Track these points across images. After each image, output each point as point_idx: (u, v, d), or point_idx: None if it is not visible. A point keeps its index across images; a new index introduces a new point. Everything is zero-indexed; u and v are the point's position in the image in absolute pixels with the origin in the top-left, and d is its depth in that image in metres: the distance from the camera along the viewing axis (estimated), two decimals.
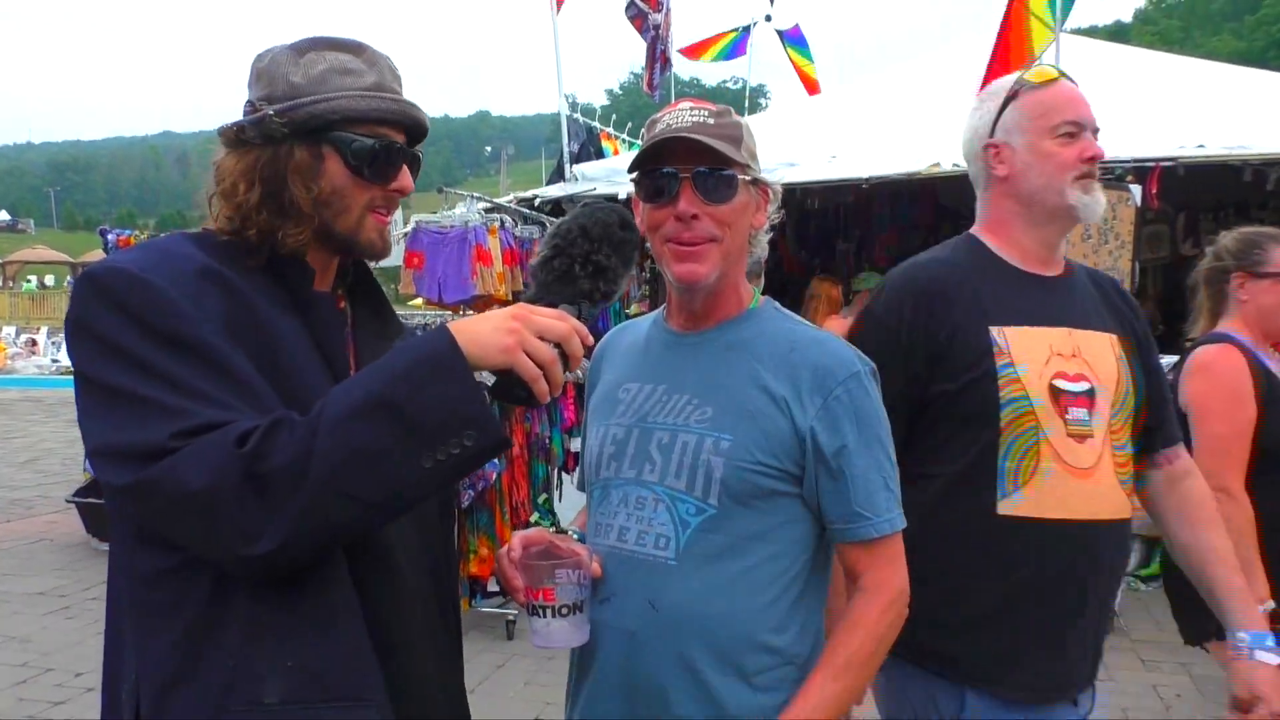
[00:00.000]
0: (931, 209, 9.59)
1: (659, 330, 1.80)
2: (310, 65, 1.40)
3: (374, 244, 1.46)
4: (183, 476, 1.18)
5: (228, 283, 1.32)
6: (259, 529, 1.18)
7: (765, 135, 6.97)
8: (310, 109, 1.37)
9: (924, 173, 6.77)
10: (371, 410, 1.20)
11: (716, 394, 1.64)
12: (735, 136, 1.62)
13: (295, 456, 1.18)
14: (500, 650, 5.33)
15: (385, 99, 1.42)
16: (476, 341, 1.26)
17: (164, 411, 1.21)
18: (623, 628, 1.62)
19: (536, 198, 8.22)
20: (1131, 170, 6.00)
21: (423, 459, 1.21)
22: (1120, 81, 7.92)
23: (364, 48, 1.45)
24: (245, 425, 1.20)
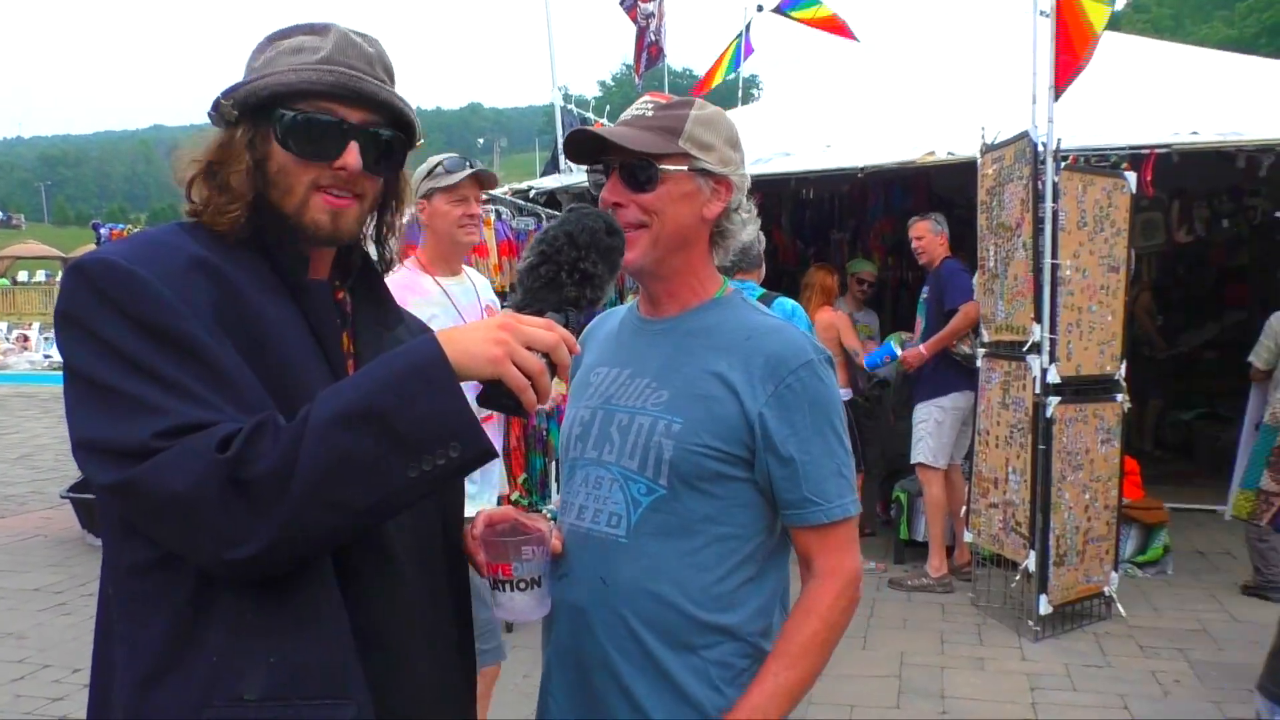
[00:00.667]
0: (925, 198, 9.58)
1: (631, 317, 1.87)
2: (272, 50, 1.41)
3: (320, 225, 1.41)
4: (164, 480, 1.17)
5: (218, 272, 1.31)
6: (241, 534, 1.17)
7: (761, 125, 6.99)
8: (249, 86, 1.37)
9: (919, 162, 6.76)
10: (358, 420, 1.19)
11: (673, 378, 1.70)
12: (672, 128, 1.67)
13: (278, 463, 1.17)
14: None
15: (320, 70, 1.37)
16: (465, 352, 1.25)
17: (147, 409, 1.20)
18: (575, 603, 1.68)
19: (531, 189, 8.19)
20: (1126, 157, 6.00)
21: (408, 469, 1.21)
22: (1113, 69, 7.91)
23: (330, 28, 1.43)
24: (228, 428, 1.19)
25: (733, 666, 1.66)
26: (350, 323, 1.52)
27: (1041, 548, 5.23)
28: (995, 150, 5.66)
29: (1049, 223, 5.14)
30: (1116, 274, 5.56)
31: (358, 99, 1.39)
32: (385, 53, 1.47)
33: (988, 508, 5.74)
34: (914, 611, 5.81)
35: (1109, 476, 5.56)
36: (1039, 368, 5.22)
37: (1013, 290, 5.47)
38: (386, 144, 1.45)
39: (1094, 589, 5.54)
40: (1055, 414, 5.21)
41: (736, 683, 1.65)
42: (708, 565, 1.64)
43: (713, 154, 1.69)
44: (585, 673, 1.68)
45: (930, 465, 6.18)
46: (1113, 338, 5.56)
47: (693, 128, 1.67)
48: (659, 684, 1.63)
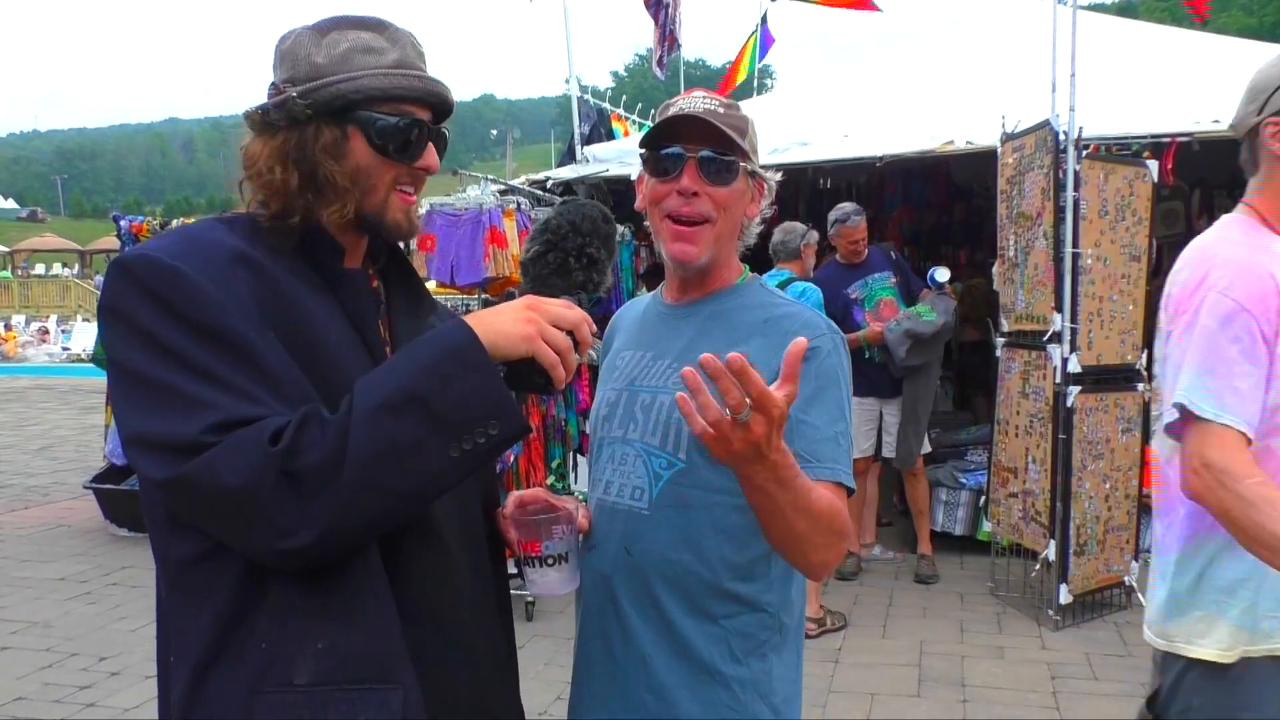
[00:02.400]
0: (944, 187, 9.56)
1: (655, 303, 1.93)
2: (333, 45, 1.40)
3: (400, 224, 1.47)
4: (218, 474, 1.19)
5: (259, 266, 1.33)
6: (295, 525, 1.20)
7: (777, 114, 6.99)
8: (334, 88, 1.38)
9: (937, 151, 6.73)
10: (400, 405, 1.23)
11: (693, 359, 1.71)
12: (741, 128, 1.73)
13: (328, 453, 1.20)
14: (520, 631, 5.32)
15: (410, 76, 1.42)
16: (498, 332, 1.30)
17: (196, 404, 1.22)
18: (601, 571, 1.75)
19: (548, 180, 8.20)
20: (1148, 146, 5.97)
21: (450, 450, 1.25)
22: (1134, 57, 7.87)
23: (386, 25, 1.46)
24: (277, 422, 1.22)
25: (753, 637, 1.70)
26: (385, 310, 1.55)
27: (1061, 537, 5.23)
28: (1015, 139, 5.64)
29: (1070, 211, 5.13)
30: (1138, 263, 5.54)
31: (435, 101, 1.46)
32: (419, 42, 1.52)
33: (1007, 497, 5.74)
34: (933, 600, 5.82)
35: (1130, 466, 5.55)
36: (1059, 357, 5.21)
37: (1033, 279, 5.46)
38: (442, 139, 1.50)
39: (1115, 578, 5.54)
40: (1076, 403, 5.20)
41: (757, 653, 1.70)
42: (726, 535, 1.68)
43: (758, 157, 1.79)
44: (611, 644, 1.74)
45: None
46: (1134, 327, 5.55)
47: (751, 131, 1.76)
48: (679, 653, 1.68)
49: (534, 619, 5.49)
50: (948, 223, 9.86)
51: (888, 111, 7.92)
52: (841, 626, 5.34)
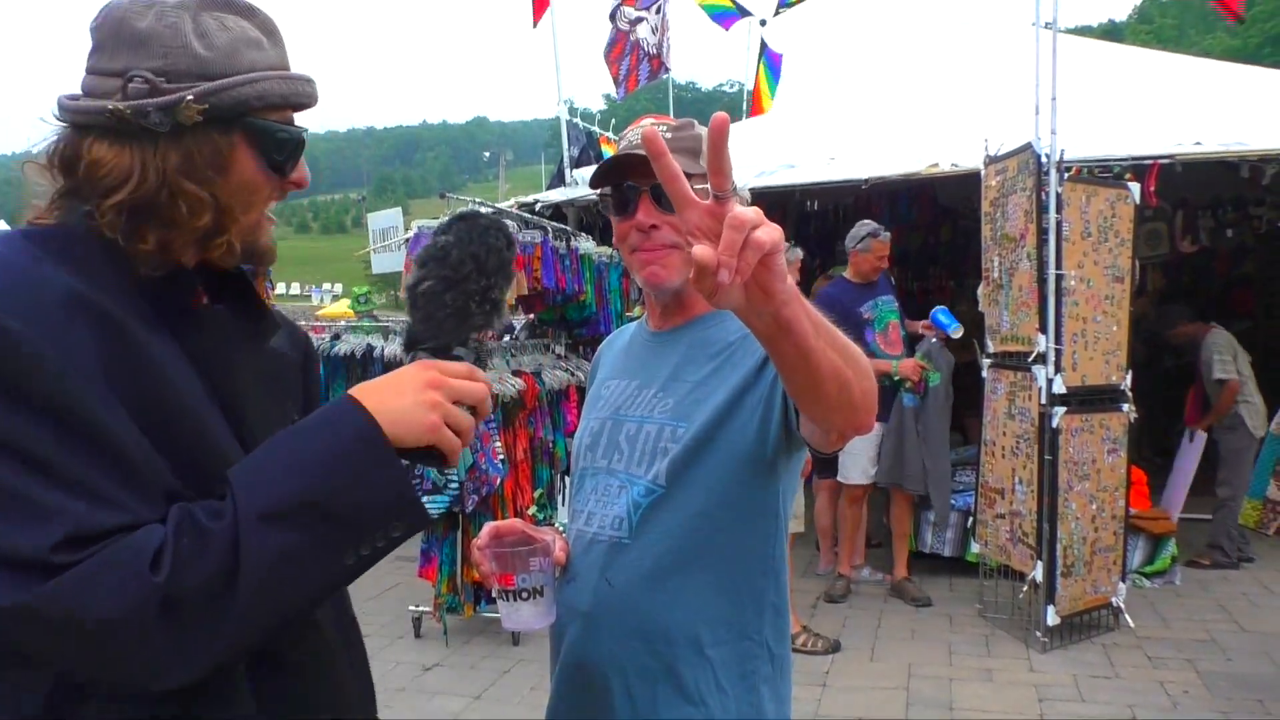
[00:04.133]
0: (930, 209, 9.61)
1: (641, 331, 1.92)
2: (212, 33, 1.17)
3: (270, 249, 1.29)
4: (86, 606, 0.98)
5: (100, 312, 1.07)
6: (181, 660, 1.03)
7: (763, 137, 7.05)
8: (235, 92, 1.16)
9: (923, 173, 6.79)
10: (295, 512, 1.07)
11: (678, 386, 1.73)
12: (694, 149, 1.69)
13: (216, 577, 1.03)
14: (505, 656, 5.34)
15: (299, 80, 1.23)
16: (400, 422, 1.14)
17: (40, 513, 0.98)
18: (580, 607, 1.71)
19: (537, 202, 8.24)
20: (1129, 168, 6.02)
21: (346, 556, 1.12)
22: (1116, 80, 7.95)
23: (254, 10, 1.23)
24: (155, 538, 1.02)
25: (740, 666, 1.67)
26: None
27: (1049, 558, 5.23)
28: (999, 162, 5.68)
29: (1053, 233, 5.16)
30: (1121, 284, 5.57)
31: (306, 108, 1.27)
32: None
33: (994, 518, 5.74)
34: (921, 623, 5.81)
35: (1116, 486, 5.56)
36: (1044, 378, 5.22)
37: (1017, 301, 5.48)
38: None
39: (1102, 599, 5.54)
40: (1061, 424, 5.21)
41: (744, 684, 1.66)
42: (709, 563, 1.66)
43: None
44: (591, 676, 1.70)
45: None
46: (1118, 347, 5.57)
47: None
48: (664, 683, 1.64)
49: (519, 643, 5.46)
50: (934, 244, 9.92)
51: (874, 134, 7.98)
52: (831, 650, 5.32)
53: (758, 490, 1.68)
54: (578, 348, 6.90)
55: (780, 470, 1.68)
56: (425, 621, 5.67)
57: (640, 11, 8.77)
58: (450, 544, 5.46)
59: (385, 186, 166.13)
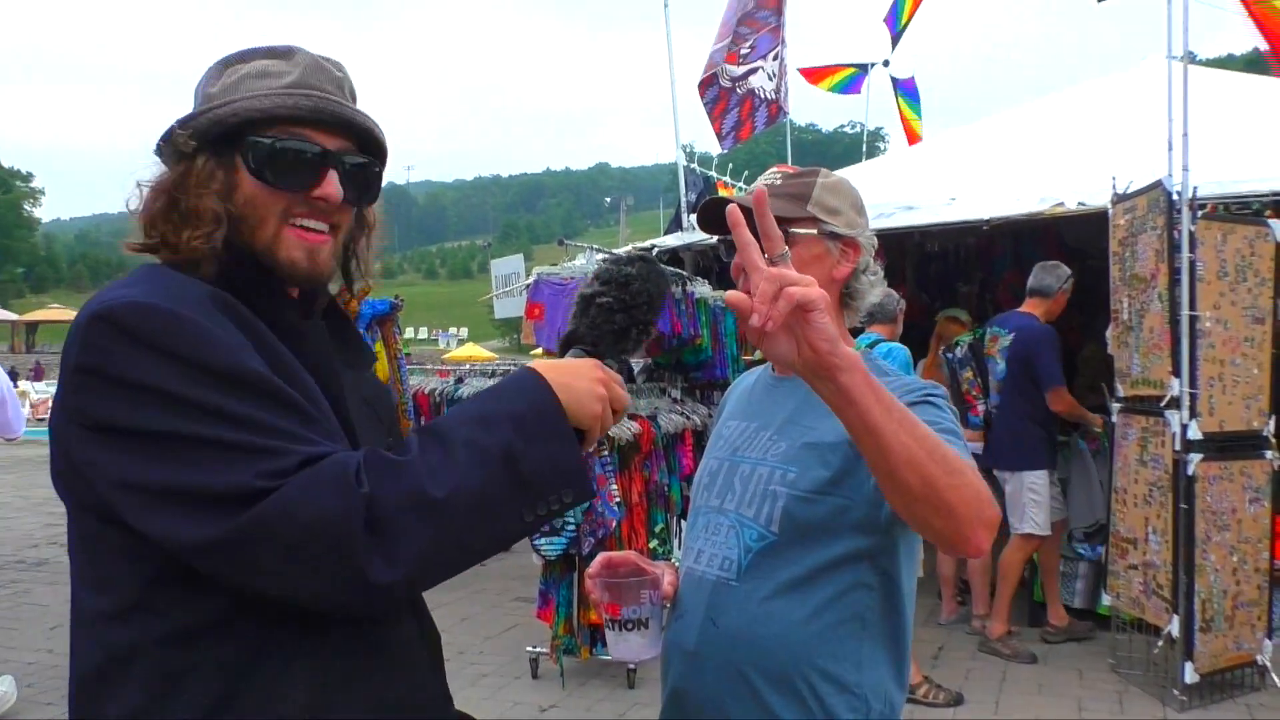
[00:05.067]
0: (1056, 249, 9.35)
1: (765, 374, 1.96)
2: (229, 75, 1.32)
3: (296, 263, 1.32)
4: (299, 515, 1.09)
5: (235, 309, 1.24)
6: (380, 561, 1.11)
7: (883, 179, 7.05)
8: (211, 114, 1.28)
9: (1047, 213, 6.62)
10: (495, 460, 1.17)
11: (793, 430, 1.75)
12: (801, 194, 1.77)
13: (418, 496, 1.13)
14: (621, 699, 5.35)
15: (296, 94, 1.29)
16: (574, 402, 1.26)
17: (246, 452, 1.11)
18: (686, 645, 1.74)
19: (654, 248, 8.34)
20: (1270, 204, 5.76)
21: (525, 513, 1.21)
22: (1257, 113, 7.63)
23: (295, 51, 1.34)
24: (353, 459, 1.14)
25: (850, 715, 1.65)
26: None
27: (1186, 612, 4.99)
28: (1127, 200, 5.51)
29: (1185, 273, 4.98)
30: (1262, 325, 5.32)
31: (334, 124, 1.32)
32: (350, 78, 1.40)
33: (1126, 569, 5.51)
34: (1050, 677, 5.59)
35: (1259, 538, 5.28)
36: (1178, 423, 5.02)
37: (1148, 343, 5.29)
38: (363, 171, 1.37)
39: (1245, 657, 5.24)
40: (1197, 472, 4.99)
41: None
42: (815, 613, 1.66)
43: (840, 217, 1.78)
44: (693, 713, 1.73)
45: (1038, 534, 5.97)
46: (1259, 391, 5.31)
47: (819, 193, 1.77)
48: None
49: (635, 686, 5.47)
50: None
51: (996, 173, 7.84)
52: (954, 703, 5.17)
53: (873, 548, 1.67)
54: (694, 392, 6.92)
55: (897, 533, 1.66)
56: (543, 662, 5.72)
57: (754, 62, 8.85)
58: (567, 586, 5.52)
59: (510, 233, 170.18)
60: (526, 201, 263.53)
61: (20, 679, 5.36)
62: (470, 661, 5.87)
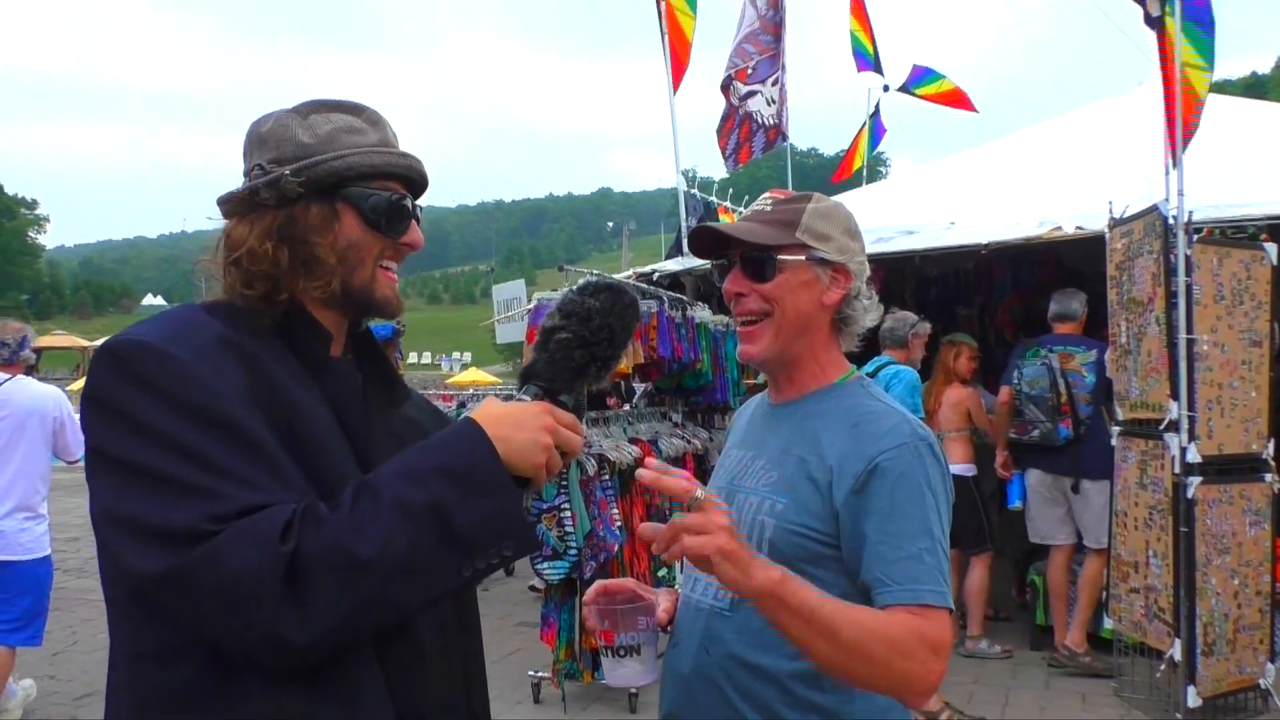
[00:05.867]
0: (1055, 272, 9.38)
1: (763, 402, 1.95)
2: (316, 125, 1.42)
3: (389, 300, 1.46)
4: (223, 567, 1.14)
5: (246, 352, 1.31)
6: (296, 627, 1.15)
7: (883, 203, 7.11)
8: (328, 165, 1.38)
9: (1045, 237, 6.66)
10: (422, 515, 1.19)
11: (785, 460, 1.75)
12: (790, 221, 1.77)
13: (339, 555, 1.16)
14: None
15: (394, 154, 1.44)
16: (515, 454, 1.27)
17: (196, 492, 1.17)
18: (680, 673, 1.76)
19: (655, 272, 8.38)
20: (1266, 228, 5.80)
21: (463, 568, 1.22)
22: (1253, 136, 7.68)
23: (363, 108, 1.47)
24: (284, 514, 1.18)
25: None
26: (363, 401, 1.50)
27: (1188, 636, 4.98)
28: (1124, 224, 5.55)
29: (1182, 297, 5.01)
30: (1259, 348, 5.35)
31: (417, 179, 1.48)
32: None
33: (1128, 593, 5.51)
34: (1053, 700, 5.58)
35: (1260, 561, 5.27)
36: (1177, 446, 5.03)
37: (1146, 366, 5.31)
38: (417, 217, 1.51)
39: (1248, 681, 5.23)
40: (1197, 495, 5.00)
41: None
42: None
43: (830, 243, 1.76)
44: None
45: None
46: (1258, 414, 5.33)
47: (809, 220, 1.77)
48: None
49: (637, 710, 5.46)
50: None
51: (995, 197, 7.89)
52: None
53: (854, 589, 1.64)
54: (694, 416, 6.95)
55: None
56: (545, 686, 5.72)
57: (754, 85, 8.92)
58: (569, 610, 5.53)
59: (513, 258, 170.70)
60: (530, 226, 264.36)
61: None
62: None
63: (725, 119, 9.00)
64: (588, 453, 5.45)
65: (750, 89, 8.87)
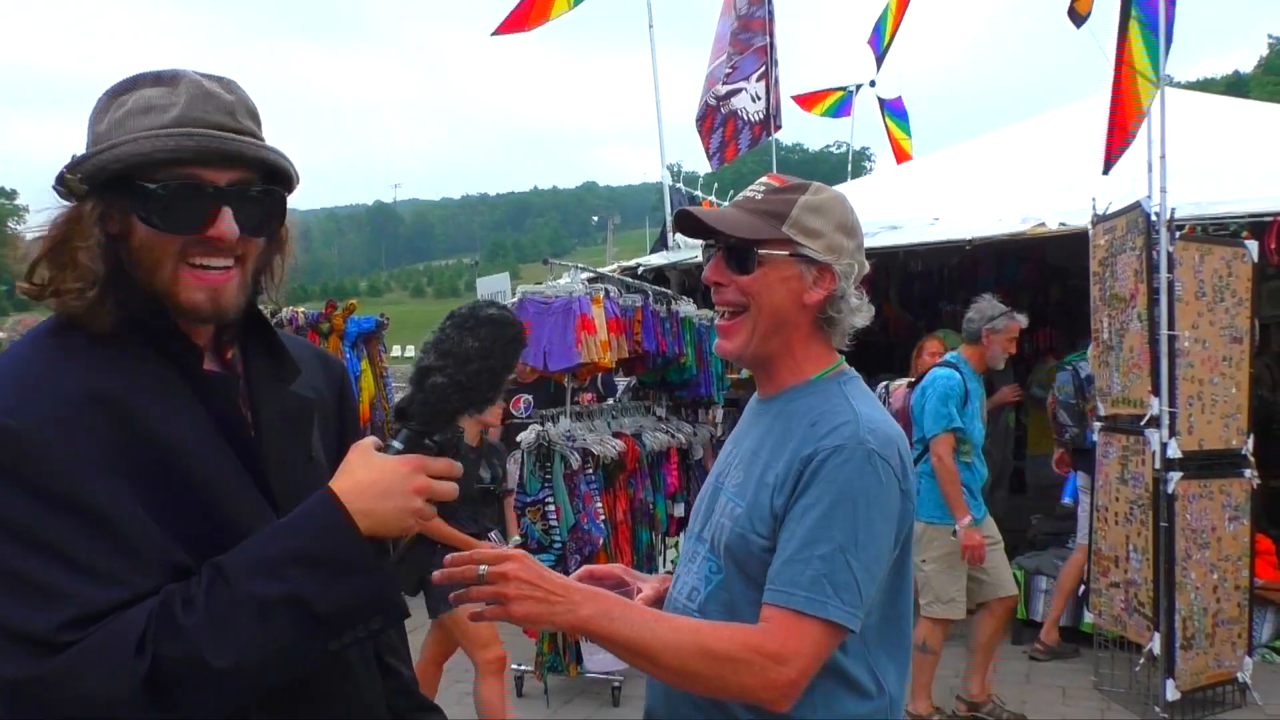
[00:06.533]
0: (1039, 268, 9.44)
1: (754, 396, 1.88)
2: (115, 109, 1.26)
3: (198, 305, 1.28)
4: (81, 684, 1.09)
5: (111, 402, 1.20)
6: None
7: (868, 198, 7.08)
8: (94, 161, 1.23)
9: (1029, 233, 6.69)
10: (278, 609, 1.15)
11: (753, 463, 1.70)
12: (778, 213, 1.66)
13: (196, 657, 1.11)
14: (606, 717, 5.34)
15: (176, 134, 1.23)
16: (380, 525, 1.23)
17: (51, 596, 1.10)
18: None
19: (640, 266, 8.38)
20: (1247, 225, 5.84)
21: (329, 645, 1.20)
22: (1235, 134, 7.74)
23: (180, 76, 1.29)
24: (140, 622, 1.12)
25: None
26: (248, 386, 1.41)
27: (1167, 630, 5.02)
28: (1107, 221, 5.58)
29: (1164, 293, 5.04)
30: (1240, 345, 5.39)
31: (223, 160, 1.27)
32: (246, 95, 1.34)
33: (1108, 587, 5.55)
34: (1034, 694, 5.61)
35: (1239, 556, 5.32)
36: (1158, 442, 5.07)
37: (1128, 362, 5.35)
38: (261, 201, 1.32)
39: (1226, 674, 5.27)
40: (1177, 490, 5.03)
41: None
42: None
43: (819, 240, 1.65)
44: None
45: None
46: (1238, 410, 5.37)
47: (799, 214, 1.65)
48: None
49: (619, 704, 5.47)
50: (1044, 304, 9.71)
51: (979, 194, 7.92)
52: None
53: None
54: (679, 410, 6.96)
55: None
56: (528, 680, 5.72)
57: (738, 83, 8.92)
58: None
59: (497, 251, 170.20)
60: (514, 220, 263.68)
61: None
62: (455, 680, 5.85)
63: (704, 117, 9.00)
64: (572, 446, 5.45)
65: (733, 87, 8.88)
